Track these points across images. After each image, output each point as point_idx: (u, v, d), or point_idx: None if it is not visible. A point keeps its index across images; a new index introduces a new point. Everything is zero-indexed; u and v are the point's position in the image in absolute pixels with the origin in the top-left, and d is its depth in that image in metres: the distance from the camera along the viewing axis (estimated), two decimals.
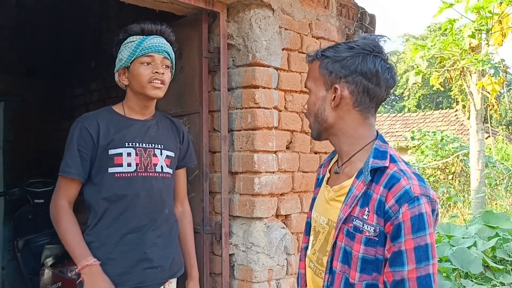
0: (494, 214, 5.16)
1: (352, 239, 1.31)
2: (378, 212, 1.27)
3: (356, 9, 3.32)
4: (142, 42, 2.01)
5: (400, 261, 1.23)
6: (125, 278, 1.99)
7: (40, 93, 5.53)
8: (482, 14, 6.50)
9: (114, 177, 1.98)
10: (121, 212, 1.99)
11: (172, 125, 2.22)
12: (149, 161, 2.05)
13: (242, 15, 2.74)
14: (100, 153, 1.98)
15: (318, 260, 1.44)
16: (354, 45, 1.38)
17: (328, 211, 1.42)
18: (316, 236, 1.47)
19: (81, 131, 1.99)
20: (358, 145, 1.40)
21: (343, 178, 1.41)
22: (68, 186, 2.00)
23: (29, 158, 5.34)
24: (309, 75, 1.46)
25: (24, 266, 4.58)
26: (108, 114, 2.08)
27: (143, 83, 2.01)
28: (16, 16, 5.32)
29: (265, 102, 2.70)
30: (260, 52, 2.69)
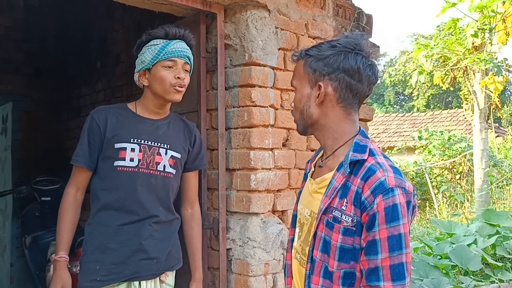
0: (495, 212, 5.19)
1: (331, 229, 1.36)
2: (355, 203, 1.33)
3: (353, 9, 3.38)
4: (165, 46, 2.08)
5: (375, 250, 1.29)
6: (121, 267, 2.07)
7: (47, 93, 5.63)
8: (486, 13, 6.52)
9: (116, 170, 2.07)
10: (120, 204, 2.08)
11: (185, 127, 2.29)
12: (152, 159, 2.11)
13: (239, 16, 2.81)
14: (106, 145, 2.08)
15: (302, 250, 1.49)
16: (336, 43, 1.43)
17: (311, 203, 1.48)
18: (301, 227, 1.52)
19: (92, 123, 2.10)
20: (341, 140, 1.45)
21: (325, 171, 1.48)
22: (77, 174, 2.13)
23: (37, 157, 5.44)
24: (294, 73, 1.52)
25: (32, 262, 4.66)
26: (120, 109, 2.17)
27: (166, 86, 2.09)
28: (24, 18, 5.43)
29: (261, 100, 2.77)
30: (256, 52, 2.76)
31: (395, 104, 37.83)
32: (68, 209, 2.10)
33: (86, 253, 2.11)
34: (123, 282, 2.09)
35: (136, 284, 2.11)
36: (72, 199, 2.12)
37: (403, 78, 33.20)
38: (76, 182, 2.13)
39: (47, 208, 4.80)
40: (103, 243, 2.07)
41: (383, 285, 1.28)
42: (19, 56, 5.45)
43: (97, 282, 2.05)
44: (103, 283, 2.05)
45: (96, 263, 2.06)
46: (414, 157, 14.57)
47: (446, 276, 3.98)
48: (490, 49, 6.81)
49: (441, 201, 10.33)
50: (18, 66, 5.43)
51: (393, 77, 34.27)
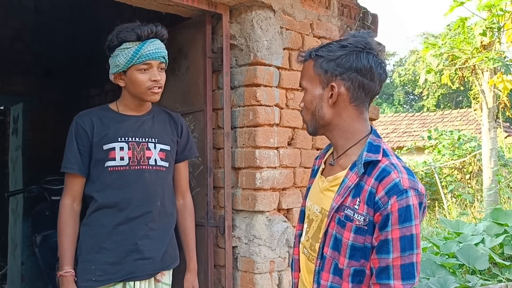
0: (503, 211, 5.17)
1: (343, 227, 1.39)
2: (369, 203, 1.35)
3: (358, 8, 3.40)
4: (139, 49, 2.05)
5: (386, 249, 1.32)
6: (116, 267, 2.07)
7: (57, 94, 5.68)
8: (494, 12, 6.50)
9: (108, 171, 2.08)
10: (114, 204, 2.08)
11: (170, 119, 2.28)
12: (142, 155, 2.12)
13: (244, 16, 2.84)
14: (95, 148, 2.08)
15: (311, 246, 1.52)
16: (347, 43, 1.44)
17: (322, 200, 1.50)
18: (310, 223, 1.54)
19: (78, 128, 2.09)
20: (353, 139, 1.47)
21: (337, 169, 1.49)
22: (72, 182, 2.10)
23: (47, 157, 5.51)
24: (303, 74, 1.52)
25: (42, 261, 4.71)
26: (102, 111, 2.17)
27: (142, 89, 2.09)
28: (34, 20, 5.50)
29: (267, 99, 2.79)
30: (261, 51, 2.79)
31: (405, 104, 37.65)
32: (67, 222, 2.08)
33: (82, 253, 2.11)
34: (118, 282, 2.09)
35: (131, 284, 2.12)
36: (69, 211, 2.09)
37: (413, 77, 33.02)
38: (71, 191, 2.10)
39: (57, 207, 4.81)
40: (98, 243, 2.08)
41: (393, 284, 1.31)
42: (29, 57, 5.51)
43: (92, 282, 2.06)
44: (98, 283, 2.06)
45: (91, 263, 2.07)
46: (424, 157, 14.51)
47: (453, 275, 3.98)
48: (499, 48, 6.78)
49: (450, 201, 10.29)
50: (28, 67, 5.49)
51: (402, 77, 34.11)
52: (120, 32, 2.09)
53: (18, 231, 5.54)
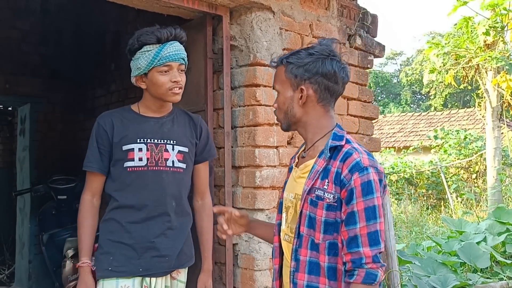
0: (505, 210, 5.19)
1: (315, 206, 1.58)
2: (336, 182, 1.55)
3: (358, 9, 3.44)
4: (159, 52, 2.11)
5: (353, 220, 1.50)
6: (134, 262, 2.14)
7: (63, 95, 5.76)
8: (497, 11, 6.50)
9: (127, 171, 2.14)
10: (132, 203, 2.15)
11: (190, 120, 2.35)
12: (160, 156, 2.17)
13: (244, 17, 2.90)
14: (115, 149, 2.15)
15: (291, 230, 1.68)
16: (313, 51, 1.65)
17: (295, 187, 1.69)
18: (287, 210, 1.72)
19: (98, 129, 2.18)
20: (320, 133, 1.68)
21: (307, 159, 1.69)
22: (91, 180, 2.19)
23: (54, 156, 5.59)
24: (276, 78, 1.73)
25: (49, 259, 4.78)
26: (124, 112, 2.24)
27: (163, 91, 2.15)
28: (41, 22, 5.58)
29: (266, 99, 2.84)
30: (260, 52, 2.84)
31: (412, 103, 37.52)
32: (86, 216, 2.17)
33: (102, 247, 2.19)
34: (135, 276, 2.14)
35: (147, 280, 2.17)
36: (89, 206, 2.18)
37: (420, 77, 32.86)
38: (91, 188, 2.19)
39: (63, 206, 4.93)
40: (116, 238, 2.16)
41: (362, 250, 1.48)
42: (36, 59, 5.60)
43: (109, 272, 2.13)
44: (115, 273, 2.13)
45: (110, 255, 2.15)
46: (430, 156, 14.47)
47: (454, 273, 4.01)
48: (503, 47, 6.79)
49: (455, 200, 10.28)
50: (35, 69, 5.57)
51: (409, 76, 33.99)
52: (141, 36, 2.15)
53: (26, 230, 5.61)
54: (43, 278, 5.27)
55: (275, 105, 1.73)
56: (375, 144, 3.54)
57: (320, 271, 1.56)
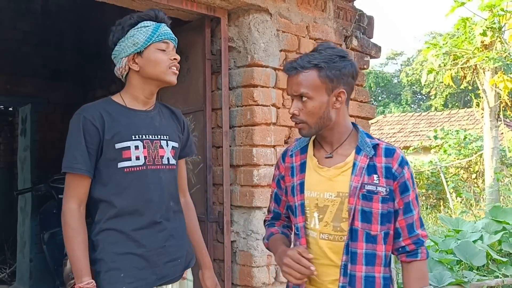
0: (502, 209, 5.24)
1: (370, 201, 1.67)
2: (388, 176, 1.68)
3: (354, 11, 3.49)
4: (158, 27, 1.95)
5: (410, 209, 1.70)
6: (147, 272, 1.92)
7: (64, 95, 5.81)
8: (495, 12, 6.55)
9: (123, 172, 1.89)
10: (134, 207, 1.90)
11: (172, 114, 2.15)
12: (156, 153, 1.97)
13: (242, 19, 2.95)
14: (105, 147, 1.88)
15: (334, 228, 1.71)
16: (343, 54, 1.70)
17: (335, 186, 1.71)
18: (323, 210, 1.72)
19: (86, 123, 1.86)
20: (347, 132, 1.75)
21: (341, 158, 1.74)
22: (78, 184, 1.87)
23: (54, 156, 5.64)
24: (303, 83, 1.68)
25: (50, 257, 4.82)
26: (107, 104, 1.95)
27: (163, 68, 1.94)
28: (41, 23, 5.63)
29: (263, 100, 2.90)
30: (258, 53, 2.89)
31: (412, 103, 37.52)
32: (78, 229, 1.85)
33: (106, 262, 1.89)
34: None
35: None
36: (78, 216, 1.86)
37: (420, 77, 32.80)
38: (77, 194, 1.87)
39: None
40: (122, 249, 1.89)
41: (419, 233, 1.71)
42: (37, 60, 5.65)
43: None
44: None
45: (120, 271, 1.88)
46: (430, 156, 14.50)
47: (450, 271, 4.06)
48: (500, 47, 6.84)
49: (455, 200, 10.32)
50: (36, 69, 5.63)
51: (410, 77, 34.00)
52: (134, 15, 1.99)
53: (27, 229, 5.66)
54: (44, 277, 5.32)
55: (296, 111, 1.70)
56: None
57: (375, 260, 1.68)
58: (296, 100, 1.71)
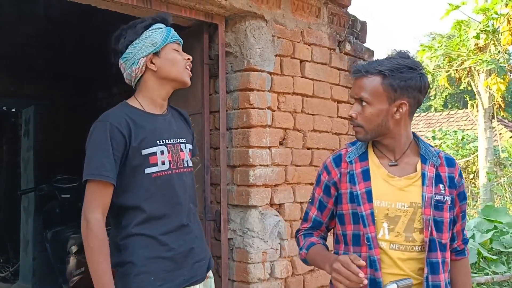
0: (494, 208, 5.36)
1: (440, 210, 1.71)
2: (451, 185, 1.74)
3: (347, 17, 3.61)
4: (170, 29, 2.02)
5: (464, 215, 1.83)
6: (176, 274, 1.94)
7: (67, 97, 5.92)
8: (489, 15, 6.67)
9: (151, 178, 1.89)
10: (163, 212, 1.92)
11: (180, 116, 2.18)
12: (178, 157, 1.99)
13: (239, 26, 3.07)
14: (132, 154, 1.86)
15: (406, 239, 1.69)
16: (413, 66, 1.68)
17: (407, 196, 1.71)
18: (394, 220, 1.70)
19: (112, 131, 1.83)
20: (408, 142, 1.76)
21: (408, 167, 1.75)
22: (103, 193, 1.83)
23: (57, 157, 5.75)
24: (365, 87, 1.68)
25: (53, 256, 4.91)
26: (127, 110, 1.94)
27: (180, 68, 1.98)
28: (44, 27, 5.74)
29: (259, 103, 3.02)
30: (254, 58, 3.02)
31: None
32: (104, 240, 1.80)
33: (136, 265, 1.88)
34: None
35: None
36: (103, 227, 1.81)
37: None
38: (101, 203, 1.83)
39: (67, 204, 5.10)
40: (153, 254, 1.89)
41: (465, 233, 1.87)
42: (40, 62, 5.75)
43: None
44: None
45: (150, 275, 1.88)
46: None
47: None
48: (494, 50, 6.96)
49: None
50: (39, 72, 5.73)
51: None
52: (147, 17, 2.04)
53: (30, 228, 5.76)
54: (46, 275, 5.40)
55: (354, 114, 1.71)
56: None
57: (447, 267, 1.73)
58: (356, 103, 1.72)
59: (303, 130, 3.29)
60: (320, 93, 3.41)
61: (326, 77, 3.45)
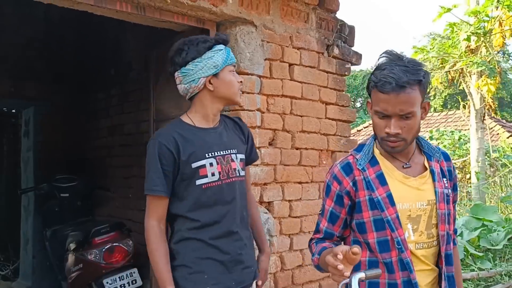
0: (482, 207, 5.49)
1: (448, 203, 1.78)
2: (450, 178, 1.83)
3: (335, 21, 3.74)
4: (229, 51, 2.12)
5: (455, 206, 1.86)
6: (227, 277, 2.07)
7: (66, 98, 6.03)
8: (480, 18, 6.79)
9: (202, 188, 2.05)
10: (214, 219, 2.06)
11: (235, 125, 2.29)
12: (229, 167, 2.12)
13: (229, 31, 3.20)
14: (183, 168, 2.03)
15: (428, 236, 1.74)
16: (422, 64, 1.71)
17: (424, 194, 1.75)
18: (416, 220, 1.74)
19: (161, 148, 2.02)
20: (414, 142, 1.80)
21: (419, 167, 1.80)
22: (157, 204, 2.04)
23: (57, 157, 5.88)
24: (408, 101, 1.62)
25: (52, 253, 5.02)
26: (179, 127, 2.11)
27: (235, 89, 2.11)
28: (44, 29, 5.86)
29: (249, 105, 3.15)
30: (244, 62, 3.15)
31: None
32: (159, 242, 2.02)
33: (189, 266, 2.06)
34: None
35: None
36: (158, 231, 2.03)
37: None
38: (157, 213, 2.04)
39: (66, 203, 5.22)
40: (204, 255, 2.05)
41: None
42: (40, 64, 5.88)
43: None
44: None
45: (203, 274, 2.04)
46: None
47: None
48: (486, 52, 7.09)
49: None
50: (39, 73, 5.86)
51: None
52: (210, 38, 2.14)
53: (30, 227, 5.87)
54: (46, 272, 5.50)
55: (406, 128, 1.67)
56: (352, 145, 3.85)
57: None
58: (396, 118, 1.65)
59: (292, 131, 3.42)
60: (308, 95, 3.53)
61: (314, 80, 3.58)
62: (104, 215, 5.61)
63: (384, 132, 1.67)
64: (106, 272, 4.08)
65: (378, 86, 1.63)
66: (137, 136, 4.98)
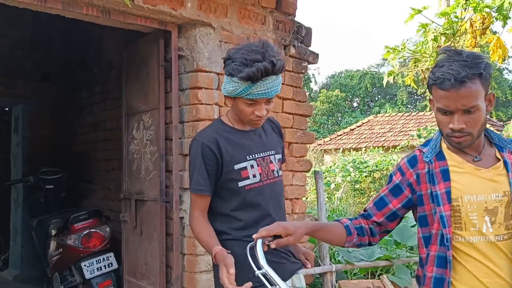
0: None
1: None
2: None
3: (292, 23, 4.06)
4: (248, 89, 1.99)
5: None
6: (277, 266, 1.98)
7: (53, 96, 6.34)
8: (449, 19, 7.07)
9: (244, 190, 2.10)
10: (258, 219, 2.10)
11: (272, 124, 2.31)
12: (268, 169, 2.16)
13: (189, 32, 3.53)
14: (225, 168, 2.08)
15: (507, 227, 1.70)
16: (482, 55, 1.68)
17: (499, 186, 1.71)
18: (494, 211, 1.70)
19: (204, 149, 2.06)
20: (483, 135, 1.76)
21: (491, 158, 1.76)
22: (201, 202, 2.11)
23: (44, 152, 6.18)
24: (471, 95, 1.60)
25: (38, 242, 5.29)
26: (220, 128, 2.14)
27: (245, 119, 2.09)
28: (32, 30, 6.15)
29: (207, 99, 3.47)
30: (202, 61, 3.47)
31: (408, 104, 37.94)
32: (203, 226, 2.09)
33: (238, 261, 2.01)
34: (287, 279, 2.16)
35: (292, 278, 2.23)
36: (201, 218, 2.10)
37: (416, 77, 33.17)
38: (198, 207, 2.11)
39: (51, 195, 5.52)
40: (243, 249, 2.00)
41: None
42: (28, 63, 6.19)
43: None
44: None
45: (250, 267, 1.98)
46: None
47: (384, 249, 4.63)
48: None
49: None
50: (27, 72, 6.17)
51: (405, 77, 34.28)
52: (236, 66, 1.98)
53: (19, 219, 6.18)
54: (34, 261, 5.80)
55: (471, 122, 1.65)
56: (308, 137, 4.17)
57: None
58: (459, 114, 1.63)
59: None
60: None
61: None
62: (88, 206, 5.90)
63: (448, 128, 1.66)
64: (84, 256, 4.36)
65: (437, 84, 1.62)
66: (117, 131, 5.26)
